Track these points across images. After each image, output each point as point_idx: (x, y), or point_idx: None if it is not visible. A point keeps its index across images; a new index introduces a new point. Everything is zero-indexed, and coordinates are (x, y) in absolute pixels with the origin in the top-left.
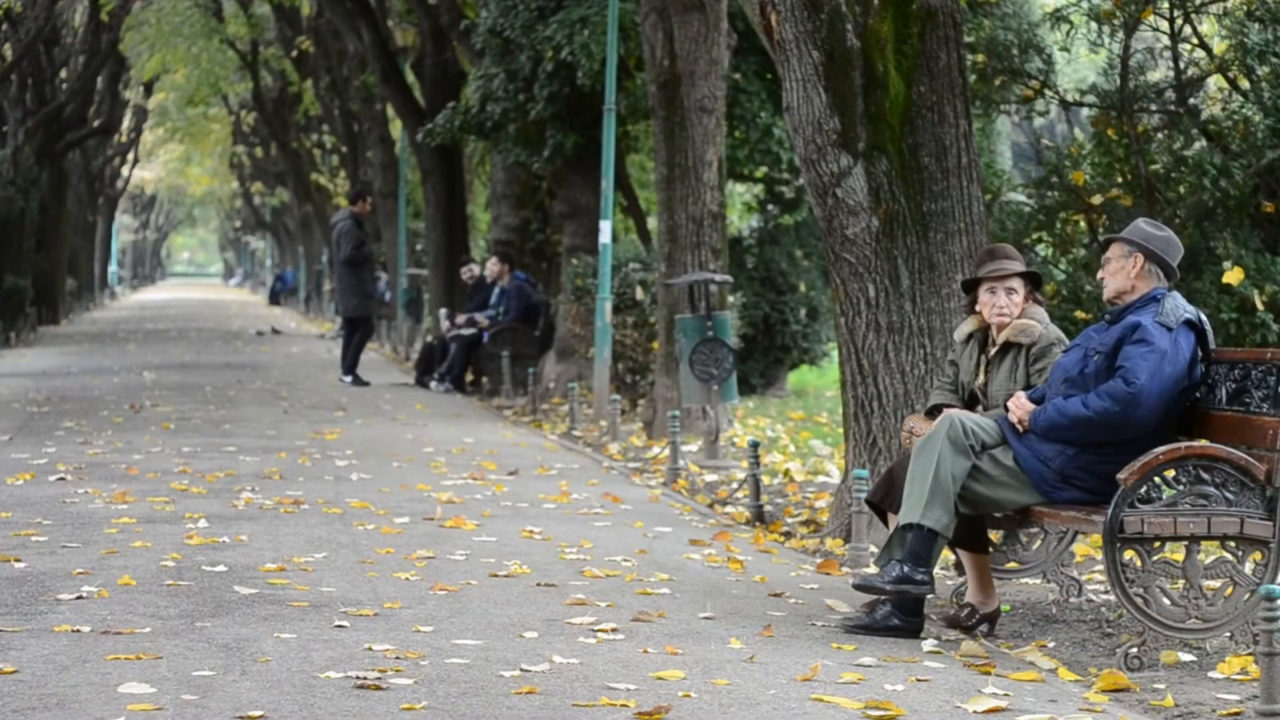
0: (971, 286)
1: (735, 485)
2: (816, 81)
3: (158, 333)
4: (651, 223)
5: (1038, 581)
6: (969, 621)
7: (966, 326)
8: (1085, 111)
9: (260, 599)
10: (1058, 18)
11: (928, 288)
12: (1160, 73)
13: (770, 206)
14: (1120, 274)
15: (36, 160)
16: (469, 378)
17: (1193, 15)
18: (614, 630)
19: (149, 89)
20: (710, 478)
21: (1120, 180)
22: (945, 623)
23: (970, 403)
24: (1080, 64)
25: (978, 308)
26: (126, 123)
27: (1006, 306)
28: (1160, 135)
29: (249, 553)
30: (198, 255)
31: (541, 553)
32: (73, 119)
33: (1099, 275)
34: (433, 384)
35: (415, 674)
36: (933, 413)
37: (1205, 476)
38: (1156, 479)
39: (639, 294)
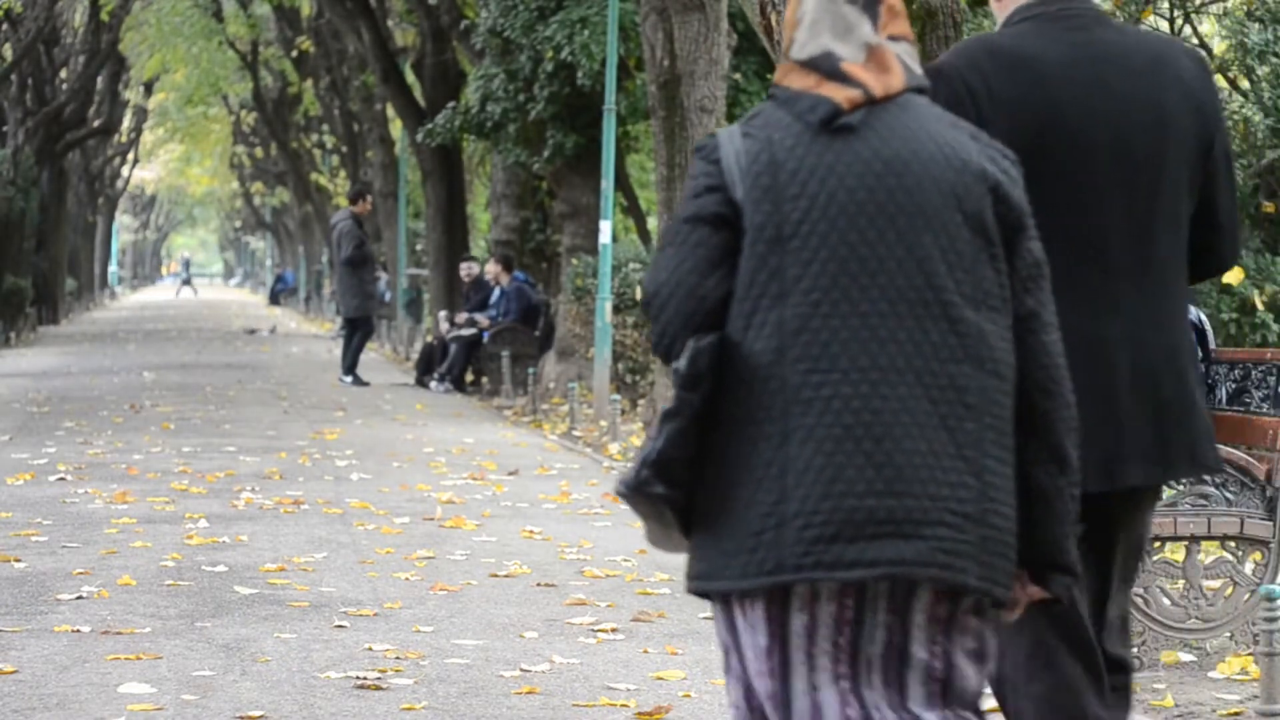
0: None
1: None
2: None
3: (158, 333)
4: (651, 223)
5: None
6: None
7: None
8: None
9: (260, 599)
10: None
11: None
12: None
13: None
14: None
15: (36, 160)
16: (469, 378)
17: (1193, 15)
18: (614, 630)
19: (149, 89)
20: None
21: None
22: None
23: None
24: None
25: None
26: (126, 123)
27: None
28: None
29: (249, 553)
30: (198, 255)
31: (541, 553)
32: (73, 119)
33: None
34: (433, 384)
35: (415, 674)
36: None
37: (1205, 477)
38: None
39: (639, 294)
